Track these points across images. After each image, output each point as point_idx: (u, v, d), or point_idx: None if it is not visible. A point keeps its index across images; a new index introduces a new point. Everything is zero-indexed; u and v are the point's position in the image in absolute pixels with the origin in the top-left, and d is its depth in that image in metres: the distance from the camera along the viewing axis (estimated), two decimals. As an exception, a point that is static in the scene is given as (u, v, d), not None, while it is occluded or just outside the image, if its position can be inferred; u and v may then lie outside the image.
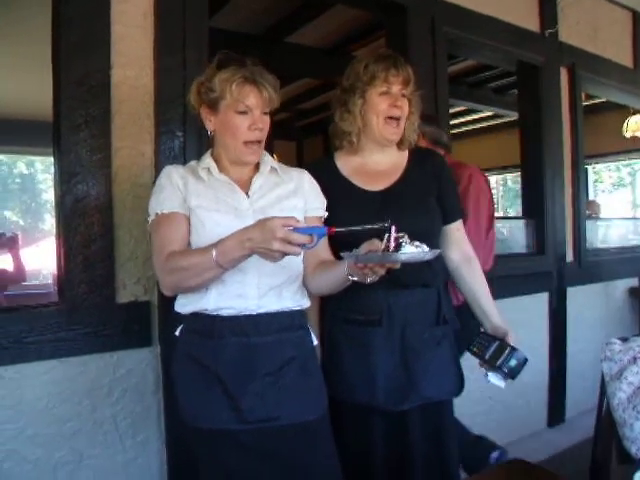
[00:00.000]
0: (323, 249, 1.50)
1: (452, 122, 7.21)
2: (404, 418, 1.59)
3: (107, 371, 1.81)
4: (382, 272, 1.24)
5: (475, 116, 7.14)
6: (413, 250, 1.18)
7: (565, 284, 3.38)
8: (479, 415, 2.93)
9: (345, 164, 1.72)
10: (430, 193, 1.67)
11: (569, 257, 3.47)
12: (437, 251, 1.29)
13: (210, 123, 1.43)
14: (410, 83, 1.63)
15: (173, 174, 1.42)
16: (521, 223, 3.32)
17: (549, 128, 3.33)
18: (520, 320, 3.10)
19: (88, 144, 1.76)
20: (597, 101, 5.45)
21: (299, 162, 7.52)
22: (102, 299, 1.76)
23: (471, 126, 7.64)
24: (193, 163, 1.49)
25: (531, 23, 3.32)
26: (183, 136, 1.93)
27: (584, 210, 3.61)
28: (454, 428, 1.72)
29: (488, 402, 2.97)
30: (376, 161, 1.70)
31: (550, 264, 3.28)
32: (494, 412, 3.03)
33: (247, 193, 1.42)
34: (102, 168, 1.78)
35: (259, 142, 1.41)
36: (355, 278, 1.31)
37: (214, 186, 1.41)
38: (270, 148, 5.34)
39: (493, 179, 9.24)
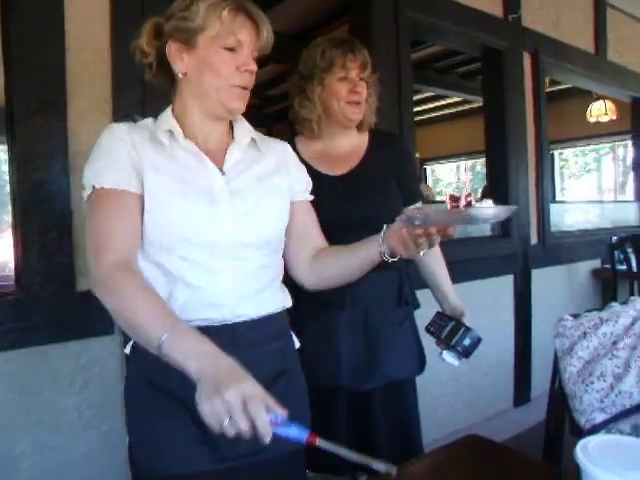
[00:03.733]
0: (317, 236, 1.31)
1: (420, 108, 7.30)
2: (368, 397, 1.62)
3: (68, 361, 1.78)
4: (437, 241, 1.05)
5: (444, 102, 7.19)
6: (492, 206, 0.99)
7: (530, 266, 3.44)
8: (446, 396, 2.98)
9: (306, 149, 1.71)
10: (391, 176, 1.69)
11: (533, 239, 3.53)
12: (514, 207, 1.16)
13: (182, 63, 1.12)
14: (367, 67, 1.65)
15: (123, 135, 1.10)
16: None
17: (513, 113, 3.37)
18: (486, 302, 3.16)
19: (44, 129, 1.72)
20: (562, 87, 5.54)
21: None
22: (61, 287, 1.73)
23: (440, 112, 7.70)
24: (148, 122, 1.18)
25: (495, 8, 3.34)
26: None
27: (548, 194, 3.68)
28: (417, 407, 1.76)
29: (454, 383, 3.02)
30: (337, 145, 1.71)
31: (515, 246, 3.33)
32: (461, 393, 3.08)
33: (221, 168, 1.15)
34: (58, 154, 1.74)
35: (246, 89, 1.14)
36: (390, 257, 1.11)
37: (178, 157, 1.12)
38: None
39: (462, 164, 9.35)
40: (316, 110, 1.64)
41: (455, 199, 1.01)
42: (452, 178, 10.08)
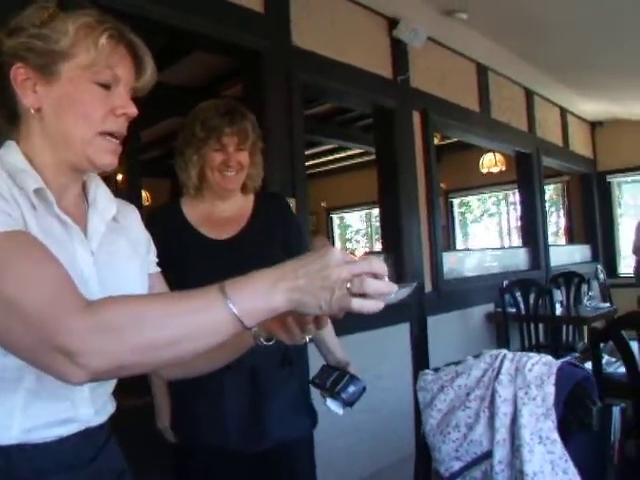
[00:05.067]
0: None
1: (324, 159, 7.55)
2: (259, 460, 1.59)
3: None
4: (326, 324, 0.88)
5: (348, 153, 7.47)
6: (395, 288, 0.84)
7: (425, 313, 3.58)
8: (347, 447, 3.00)
9: (191, 210, 1.70)
10: (275, 239, 1.69)
11: (428, 287, 3.69)
12: (415, 283, 0.96)
13: (33, 96, 0.85)
14: (247, 137, 1.64)
15: None
16: (381, 257, 3.49)
17: (404, 167, 3.57)
18: (384, 351, 3.24)
19: None
20: (457, 140, 5.91)
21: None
22: None
23: (346, 162, 7.99)
24: None
25: (384, 70, 3.57)
26: None
27: (440, 242, 3.87)
28: (313, 465, 1.73)
29: (356, 434, 3.05)
30: (221, 209, 1.70)
31: (409, 295, 3.46)
32: (362, 443, 3.11)
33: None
34: None
35: (119, 138, 0.90)
36: (266, 342, 0.94)
37: (47, 225, 0.83)
38: (139, 185, 5.20)
39: (371, 212, 9.66)
40: (191, 176, 1.65)
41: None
42: (361, 225, 10.38)
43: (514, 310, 4.19)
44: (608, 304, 5.04)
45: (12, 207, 0.76)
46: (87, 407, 0.87)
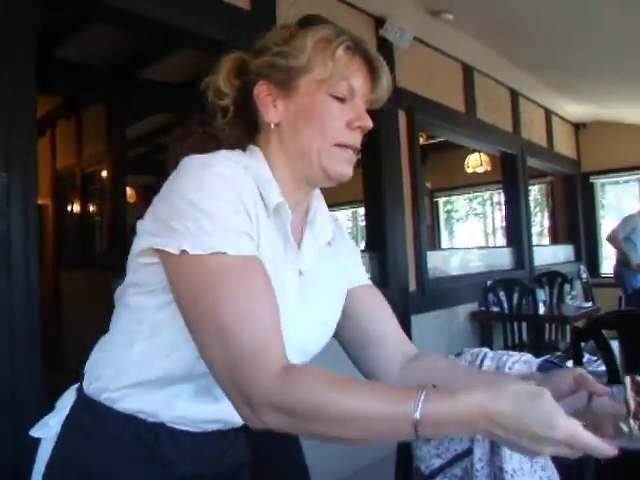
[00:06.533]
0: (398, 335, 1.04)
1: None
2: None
3: None
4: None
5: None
6: None
7: (409, 313, 3.58)
8: (328, 445, 2.98)
9: None
10: None
11: (412, 287, 3.70)
12: None
13: (274, 111, 0.87)
14: None
15: (244, 188, 0.79)
16: (366, 256, 3.49)
17: (389, 166, 3.58)
18: (368, 348, 3.24)
19: None
20: (443, 139, 5.94)
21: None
22: None
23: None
24: (244, 170, 0.82)
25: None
26: (7, 177, 1.83)
27: (425, 241, 3.89)
28: None
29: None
30: None
31: (394, 294, 3.47)
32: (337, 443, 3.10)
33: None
34: None
35: (354, 150, 0.89)
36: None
37: (271, 235, 0.84)
38: (124, 182, 5.12)
39: (350, 212, 9.67)
40: None
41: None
42: (348, 224, 10.39)
43: (498, 309, 4.22)
44: (590, 303, 5.09)
45: (253, 226, 0.78)
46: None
